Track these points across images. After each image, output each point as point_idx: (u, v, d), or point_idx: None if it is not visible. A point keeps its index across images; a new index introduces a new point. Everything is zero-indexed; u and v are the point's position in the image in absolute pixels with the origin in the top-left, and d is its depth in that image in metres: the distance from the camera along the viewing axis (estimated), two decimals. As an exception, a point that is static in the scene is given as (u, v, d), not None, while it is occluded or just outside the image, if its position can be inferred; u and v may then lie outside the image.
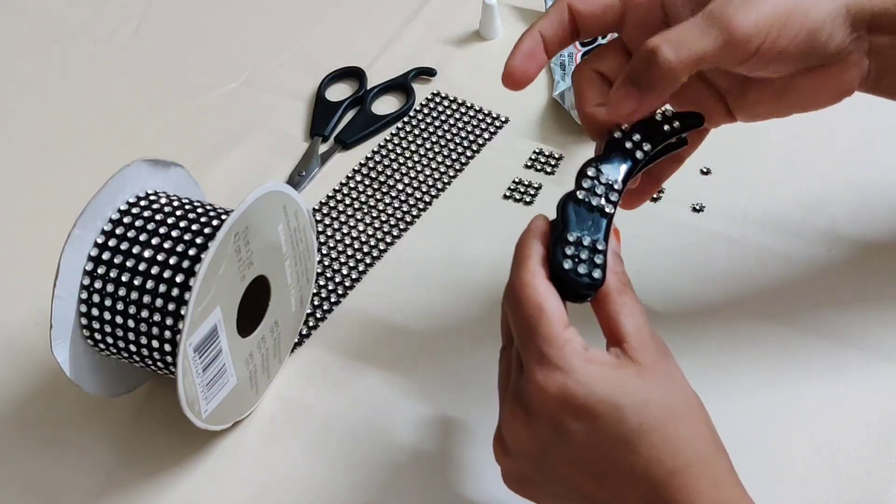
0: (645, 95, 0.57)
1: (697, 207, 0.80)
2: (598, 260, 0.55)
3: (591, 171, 0.58)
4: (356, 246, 0.80)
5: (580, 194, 0.57)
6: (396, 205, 0.82)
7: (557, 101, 0.87)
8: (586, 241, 0.56)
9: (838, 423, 0.67)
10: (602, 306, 0.56)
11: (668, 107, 0.62)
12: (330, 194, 0.83)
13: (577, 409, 0.53)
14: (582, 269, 0.55)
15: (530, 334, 0.54)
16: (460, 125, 0.87)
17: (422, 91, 0.90)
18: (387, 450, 0.68)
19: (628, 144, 0.59)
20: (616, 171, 0.58)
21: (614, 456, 0.53)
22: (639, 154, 0.59)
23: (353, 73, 0.93)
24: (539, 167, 0.84)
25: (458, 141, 0.86)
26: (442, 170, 0.84)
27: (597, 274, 0.55)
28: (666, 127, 0.60)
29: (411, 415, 0.70)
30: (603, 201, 0.57)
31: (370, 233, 0.81)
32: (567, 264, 0.55)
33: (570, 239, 0.56)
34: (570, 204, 0.57)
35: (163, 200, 0.67)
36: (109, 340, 0.65)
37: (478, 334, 0.74)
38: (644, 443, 0.52)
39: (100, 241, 0.65)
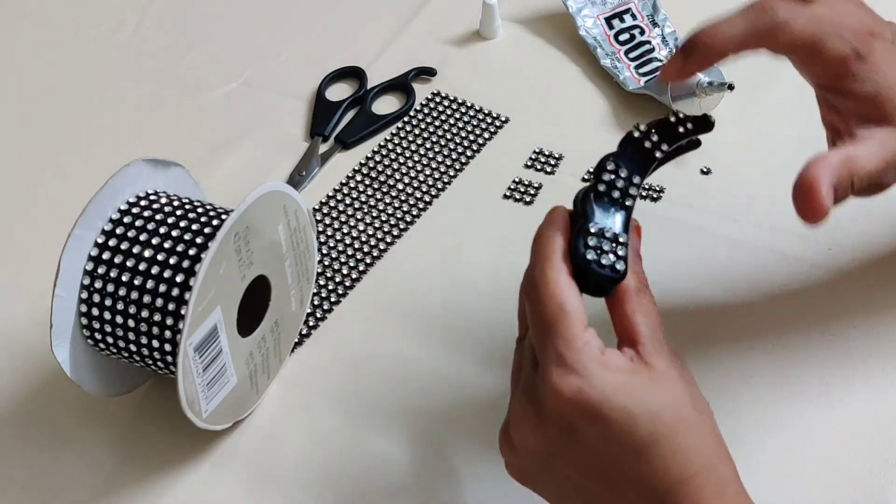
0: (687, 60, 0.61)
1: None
2: (621, 252, 0.55)
3: (610, 166, 0.58)
4: (356, 246, 0.80)
5: (601, 187, 0.57)
6: (396, 205, 0.82)
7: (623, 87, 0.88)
8: (608, 234, 0.56)
9: (839, 422, 0.67)
10: (618, 304, 0.55)
11: (682, 111, 0.62)
12: (330, 194, 0.83)
13: (591, 415, 0.52)
14: (605, 261, 0.55)
15: (549, 333, 0.54)
16: (460, 125, 0.87)
17: (422, 91, 0.90)
18: (387, 449, 0.69)
19: (647, 143, 0.59)
20: (635, 168, 0.58)
21: (624, 463, 0.53)
22: (657, 153, 0.59)
23: (353, 73, 0.93)
24: (539, 167, 0.84)
25: (458, 141, 0.86)
26: (442, 170, 0.84)
27: (620, 266, 0.55)
28: (680, 128, 0.61)
29: (412, 414, 0.70)
30: (622, 195, 0.57)
31: (370, 233, 0.81)
32: (590, 255, 0.55)
33: (592, 230, 0.55)
34: (590, 196, 0.57)
35: (163, 200, 0.67)
36: (109, 340, 0.65)
37: (477, 334, 0.74)
38: (654, 452, 0.52)
39: (100, 240, 0.65)
